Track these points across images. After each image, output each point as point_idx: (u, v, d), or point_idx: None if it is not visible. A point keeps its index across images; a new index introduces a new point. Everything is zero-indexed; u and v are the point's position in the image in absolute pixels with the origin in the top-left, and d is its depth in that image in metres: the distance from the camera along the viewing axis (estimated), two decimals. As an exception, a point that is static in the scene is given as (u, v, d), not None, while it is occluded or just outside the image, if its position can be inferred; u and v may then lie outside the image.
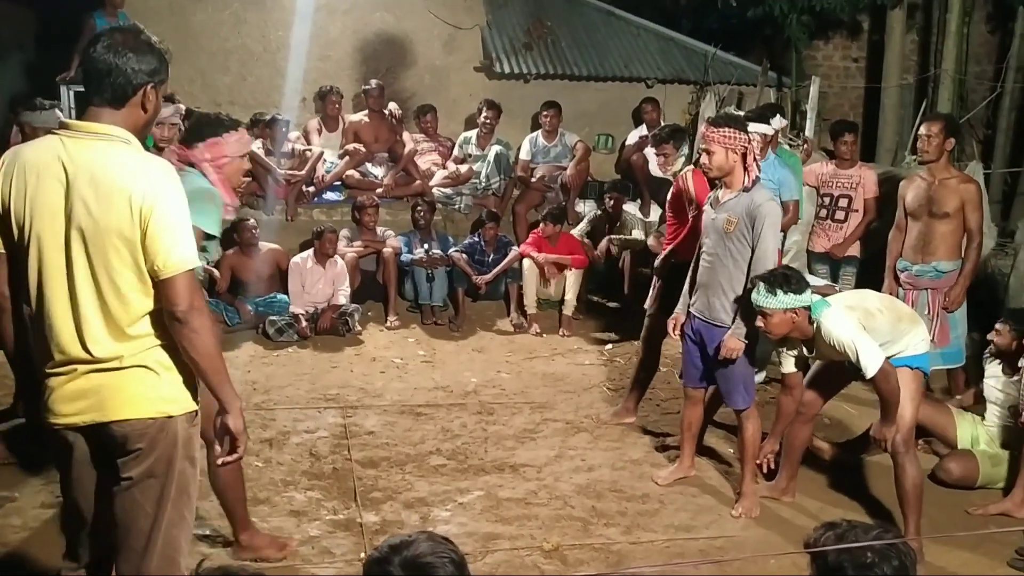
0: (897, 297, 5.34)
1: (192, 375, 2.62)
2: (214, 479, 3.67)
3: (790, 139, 7.20)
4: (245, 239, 7.02)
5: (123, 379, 2.52)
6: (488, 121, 8.14)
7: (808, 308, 3.96)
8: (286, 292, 7.07)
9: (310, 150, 7.93)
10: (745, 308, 4.15)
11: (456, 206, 8.10)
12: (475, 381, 6.16)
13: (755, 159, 4.23)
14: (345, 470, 4.72)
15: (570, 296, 7.36)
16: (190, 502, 2.71)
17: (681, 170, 5.22)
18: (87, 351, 2.49)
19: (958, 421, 4.85)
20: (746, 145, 4.18)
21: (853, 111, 9.17)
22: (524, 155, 8.22)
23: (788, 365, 4.32)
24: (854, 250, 6.25)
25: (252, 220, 7.14)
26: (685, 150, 5.36)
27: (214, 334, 2.55)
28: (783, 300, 3.91)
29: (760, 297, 3.94)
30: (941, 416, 4.90)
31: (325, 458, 4.88)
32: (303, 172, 7.77)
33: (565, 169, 8.10)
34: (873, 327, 3.97)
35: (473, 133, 8.27)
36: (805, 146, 6.86)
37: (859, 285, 6.25)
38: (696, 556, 4.05)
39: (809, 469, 4.80)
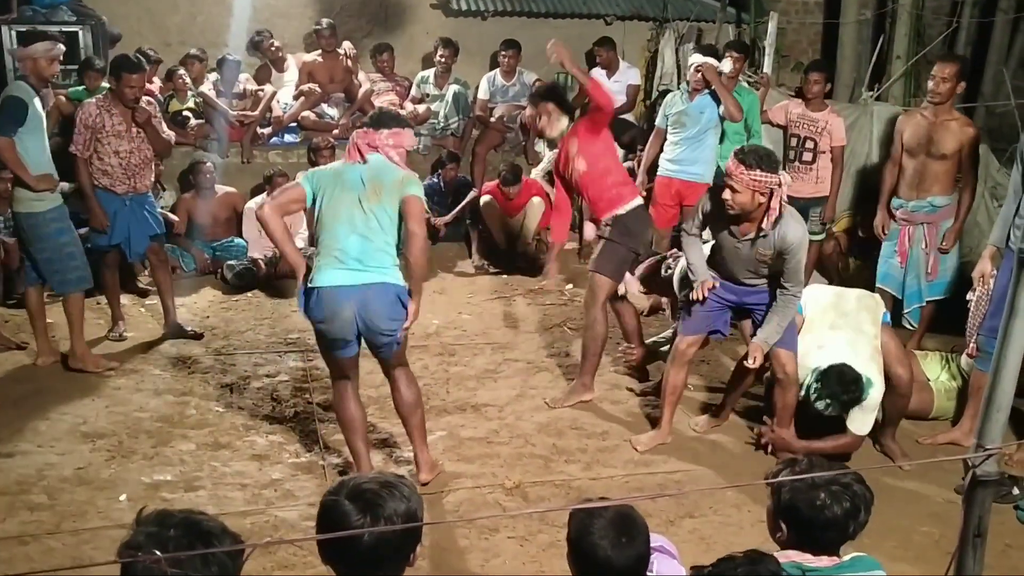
0: (891, 232, 5.46)
1: None
2: (399, 405, 4.05)
3: (748, 75, 7.17)
4: (202, 182, 6.89)
5: None
6: (444, 60, 8.00)
7: None
8: (243, 236, 6.98)
9: (262, 90, 7.76)
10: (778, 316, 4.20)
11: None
12: (436, 323, 6.16)
13: (781, 200, 4.00)
14: (307, 413, 4.73)
15: (526, 233, 7.39)
16: None
17: (567, 131, 4.80)
18: None
19: (924, 364, 4.96)
20: (774, 188, 3.93)
21: (811, 47, 9.13)
22: (482, 94, 8.11)
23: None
24: (823, 190, 6.25)
25: (209, 163, 7.00)
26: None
27: None
28: (836, 413, 4.15)
29: (820, 407, 4.11)
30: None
31: (287, 402, 4.88)
32: (256, 113, 7.62)
33: (524, 108, 8.01)
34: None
35: (430, 72, 8.14)
36: (763, 81, 6.83)
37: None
38: (655, 490, 4.13)
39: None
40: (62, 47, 5.10)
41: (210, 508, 3.67)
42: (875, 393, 4.17)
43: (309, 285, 3.87)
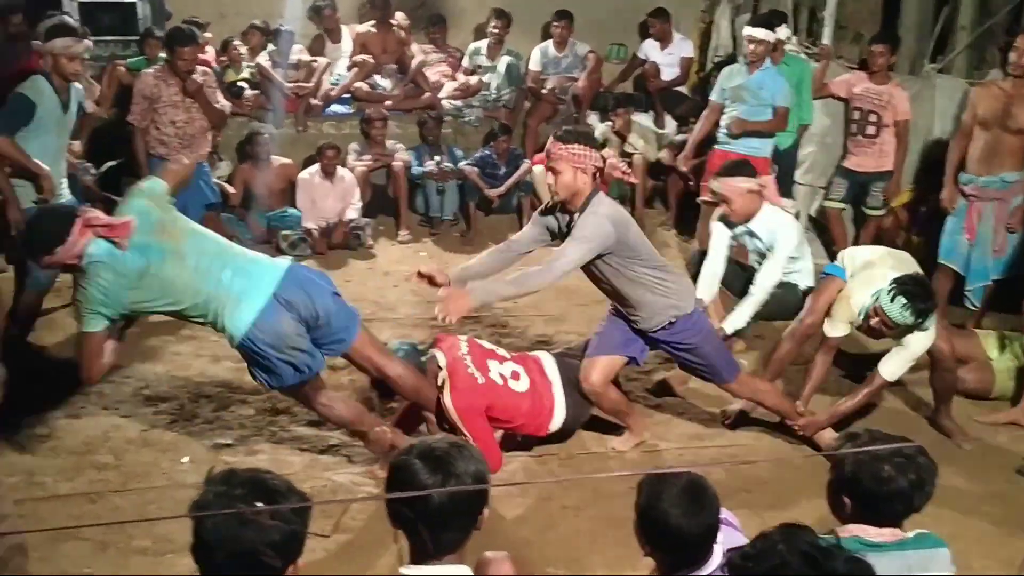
0: (958, 208, 5.36)
1: None
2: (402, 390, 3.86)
3: (806, 46, 7.05)
4: (259, 153, 6.97)
5: None
6: (497, 31, 7.97)
7: None
8: (297, 206, 7.06)
9: (316, 61, 7.80)
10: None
11: (466, 118, 7.99)
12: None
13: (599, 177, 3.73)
14: (363, 381, 4.77)
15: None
16: None
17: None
18: None
19: (986, 343, 4.87)
20: (597, 164, 3.70)
21: (872, 18, 8.89)
22: (534, 66, 8.07)
23: (838, 330, 4.27)
24: (886, 165, 6.14)
25: (267, 133, 7.08)
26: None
27: None
28: (908, 319, 3.91)
29: (893, 309, 3.88)
30: (967, 342, 4.94)
31: (342, 369, 4.92)
32: (311, 84, 7.66)
33: (577, 80, 7.97)
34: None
35: (483, 43, 8.12)
36: (823, 53, 6.68)
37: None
38: (708, 463, 4.12)
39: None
40: (87, 43, 4.80)
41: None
42: (925, 339, 4.06)
43: (251, 317, 3.40)
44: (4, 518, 2.76)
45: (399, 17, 7.96)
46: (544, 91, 7.96)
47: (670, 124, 7.89)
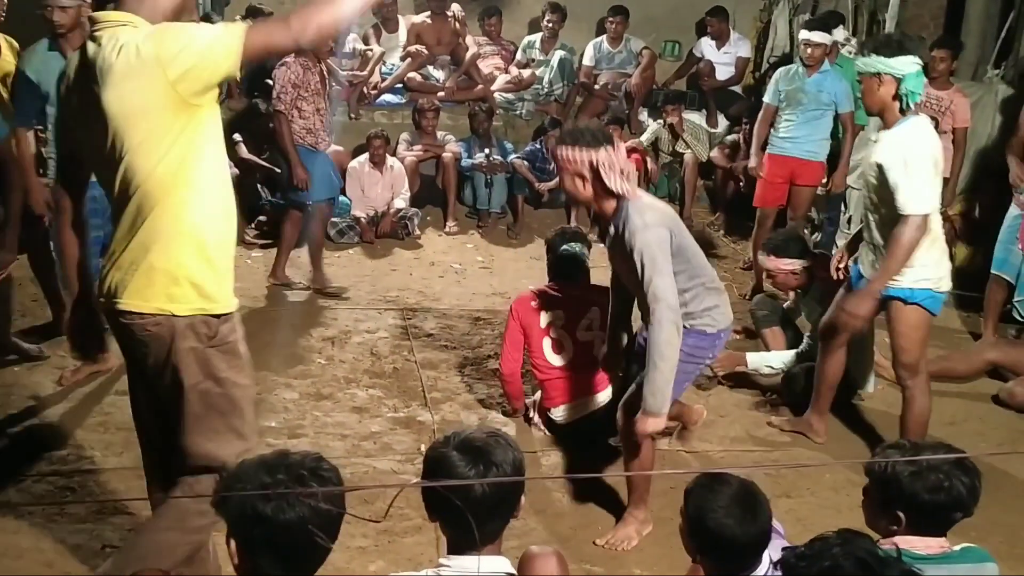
0: (1012, 219, 5.28)
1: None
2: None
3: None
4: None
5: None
6: (552, 25, 7.97)
7: (900, 82, 3.40)
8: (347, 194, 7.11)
9: (371, 50, 7.85)
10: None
11: (518, 112, 8.00)
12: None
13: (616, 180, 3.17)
14: (405, 370, 4.81)
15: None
16: (225, 420, 2.48)
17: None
18: None
19: None
20: (591, 163, 3.17)
21: (934, 21, 8.72)
22: (587, 61, 8.05)
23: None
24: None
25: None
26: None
27: None
28: (870, 62, 3.40)
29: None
30: (1020, 352, 4.83)
31: (386, 357, 4.97)
32: (364, 72, 7.71)
33: (630, 76, 7.93)
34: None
35: (537, 37, 8.12)
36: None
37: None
38: (750, 466, 4.08)
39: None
40: None
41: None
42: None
43: None
44: None
45: (455, 8, 7.98)
46: (596, 86, 7.93)
47: (722, 124, 7.83)
